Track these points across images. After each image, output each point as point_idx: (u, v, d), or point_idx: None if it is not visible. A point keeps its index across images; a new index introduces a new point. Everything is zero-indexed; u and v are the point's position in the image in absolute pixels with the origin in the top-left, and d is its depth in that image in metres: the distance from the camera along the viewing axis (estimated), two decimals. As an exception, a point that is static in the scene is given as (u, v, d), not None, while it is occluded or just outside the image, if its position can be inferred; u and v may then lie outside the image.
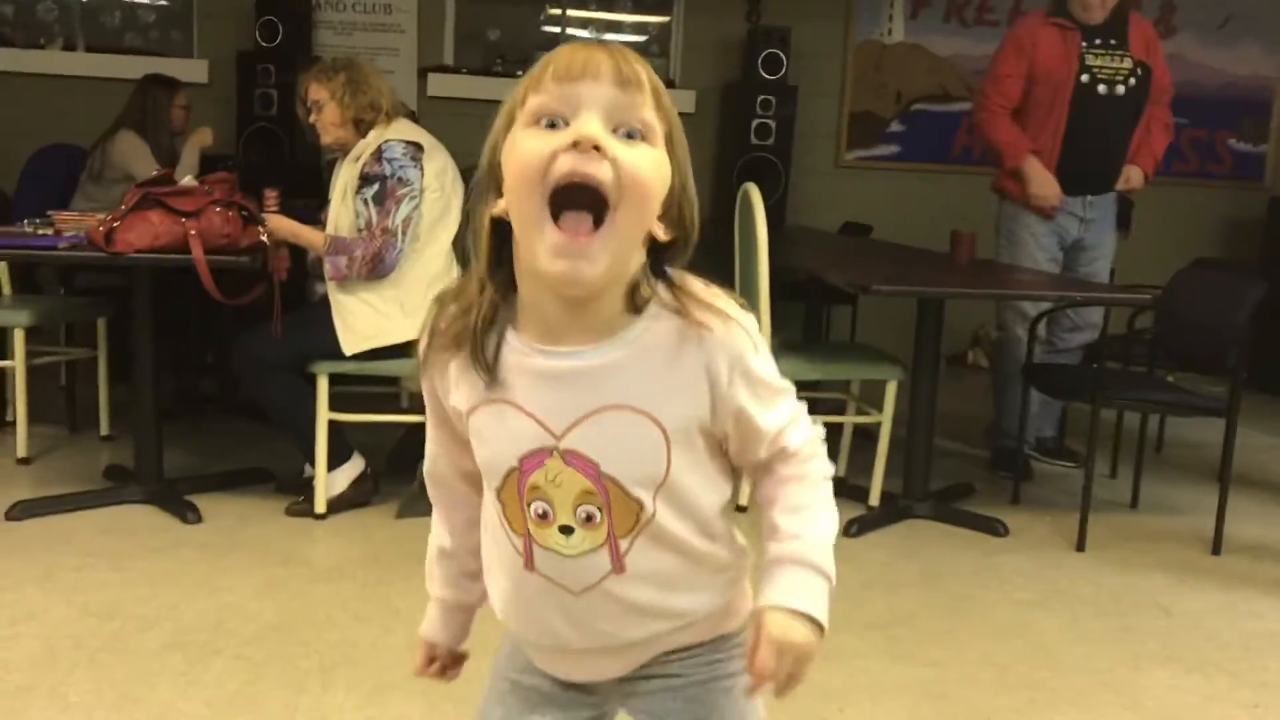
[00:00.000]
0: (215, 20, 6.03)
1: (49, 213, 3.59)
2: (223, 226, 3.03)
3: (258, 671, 2.36)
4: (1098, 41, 4.04)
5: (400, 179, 3.21)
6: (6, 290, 4.23)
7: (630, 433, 1.00)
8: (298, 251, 3.43)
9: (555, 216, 0.93)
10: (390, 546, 3.13)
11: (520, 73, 4.54)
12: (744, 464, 1.09)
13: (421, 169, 3.26)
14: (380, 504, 3.45)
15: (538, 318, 1.00)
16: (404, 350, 3.28)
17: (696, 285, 1.02)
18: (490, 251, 1.00)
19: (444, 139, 3.42)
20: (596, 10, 6.41)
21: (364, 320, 3.23)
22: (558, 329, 0.99)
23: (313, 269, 3.49)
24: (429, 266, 3.30)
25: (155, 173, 3.25)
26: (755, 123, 5.93)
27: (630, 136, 0.95)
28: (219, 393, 4.54)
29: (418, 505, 3.34)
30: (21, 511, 3.22)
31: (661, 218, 0.99)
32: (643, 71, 0.97)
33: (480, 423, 1.04)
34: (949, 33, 6.53)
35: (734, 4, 6.23)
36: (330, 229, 3.29)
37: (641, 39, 6.41)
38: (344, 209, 3.27)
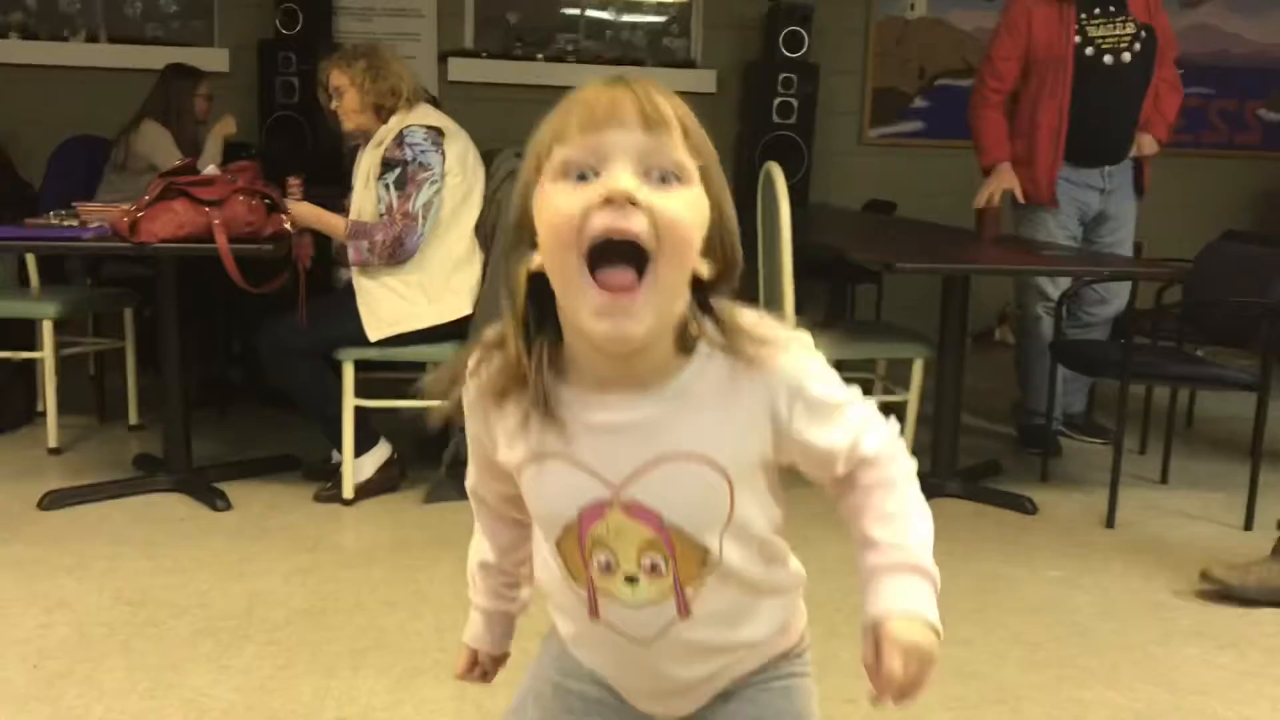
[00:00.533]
0: (236, 9, 6.04)
1: (74, 204, 3.62)
2: (246, 215, 3.04)
3: (288, 657, 2.38)
4: (1096, 10, 3.96)
5: (421, 164, 3.21)
6: (34, 282, 4.26)
7: (692, 481, 0.98)
8: (322, 239, 3.44)
9: (593, 271, 0.90)
10: (418, 531, 3.15)
11: (540, 56, 4.58)
12: (822, 480, 1.06)
13: (443, 153, 3.26)
14: (408, 489, 3.46)
15: (587, 370, 0.97)
16: (429, 335, 3.29)
17: (747, 318, 0.98)
18: (527, 305, 0.96)
19: (465, 123, 3.42)
20: (615, -4, 6.38)
21: (388, 306, 3.24)
22: (608, 381, 0.97)
23: (337, 256, 3.50)
24: (452, 251, 3.30)
25: (178, 163, 3.26)
26: (777, 101, 5.89)
27: (664, 180, 0.91)
28: (246, 380, 4.57)
29: (445, 490, 3.35)
30: (53, 501, 3.25)
31: (704, 254, 0.95)
32: (670, 109, 0.93)
33: (533, 478, 1.02)
34: (971, 6, 6.46)
35: (755, -18, 6.18)
36: (353, 214, 3.30)
37: (661, 19, 6.38)
38: (366, 195, 3.27)
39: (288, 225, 3.18)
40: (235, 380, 4.59)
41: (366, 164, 3.31)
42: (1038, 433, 4.01)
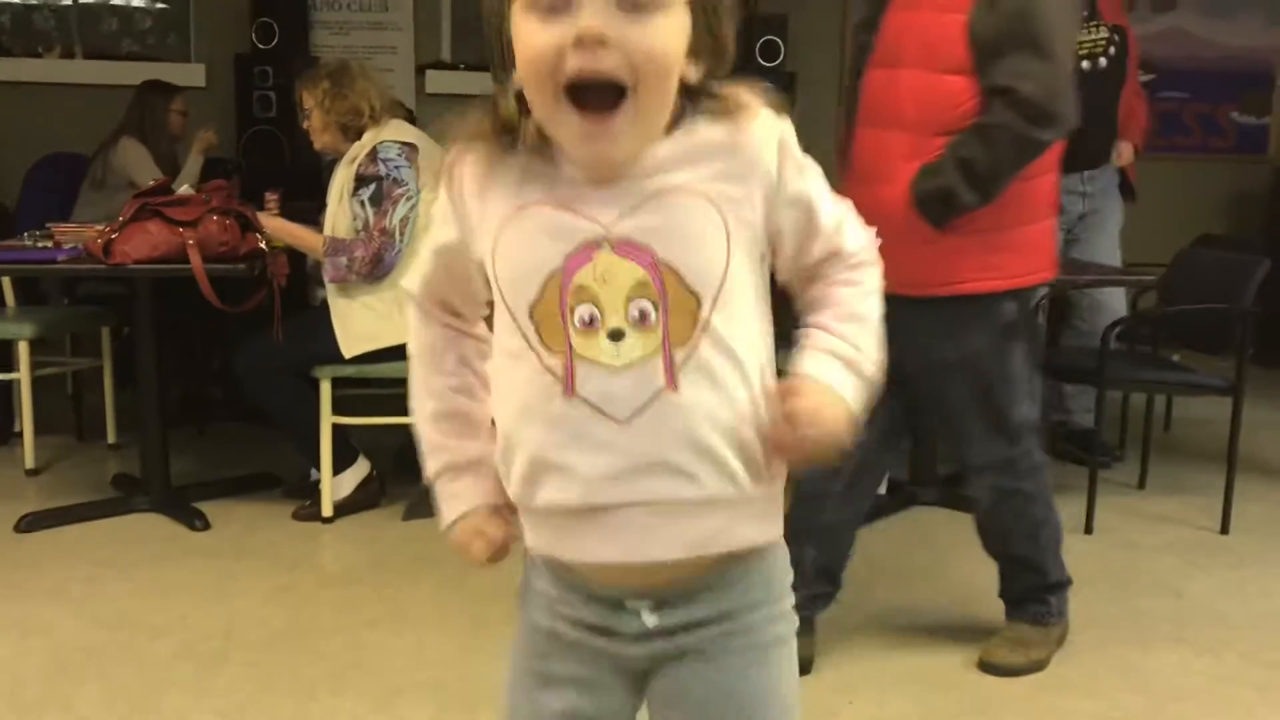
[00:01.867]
0: (212, 24, 6.02)
1: (48, 225, 3.60)
2: (221, 234, 3.04)
3: (268, 679, 2.37)
4: None
5: (396, 179, 3.21)
6: (10, 302, 4.24)
7: (690, 216, 0.96)
8: (297, 256, 3.44)
9: (572, 100, 0.90)
10: (398, 549, 3.14)
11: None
12: (795, 271, 1.06)
13: (417, 169, 3.25)
14: (387, 506, 3.45)
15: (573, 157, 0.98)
16: (404, 352, 3.28)
17: (732, 88, 0.99)
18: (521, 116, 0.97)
19: (440, 137, 3.42)
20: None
21: (363, 323, 3.23)
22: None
23: (313, 273, 3.50)
24: (430, 267, 3.29)
25: (153, 182, 3.26)
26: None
27: (636, 8, 0.89)
28: (225, 398, 4.55)
29: (425, 507, 3.32)
30: (30, 524, 3.23)
31: (690, 56, 0.94)
32: None
33: (516, 233, 0.98)
34: (947, 14, 6.48)
35: (730, -8, 6.20)
36: (327, 230, 3.29)
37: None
38: (341, 211, 3.27)
39: (263, 244, 3.17)
40: (214, 397, 4.57)
41: (340, 180, 3.31)
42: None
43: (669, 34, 0.91)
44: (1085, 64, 3.94)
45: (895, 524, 3.39)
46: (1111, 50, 3.98)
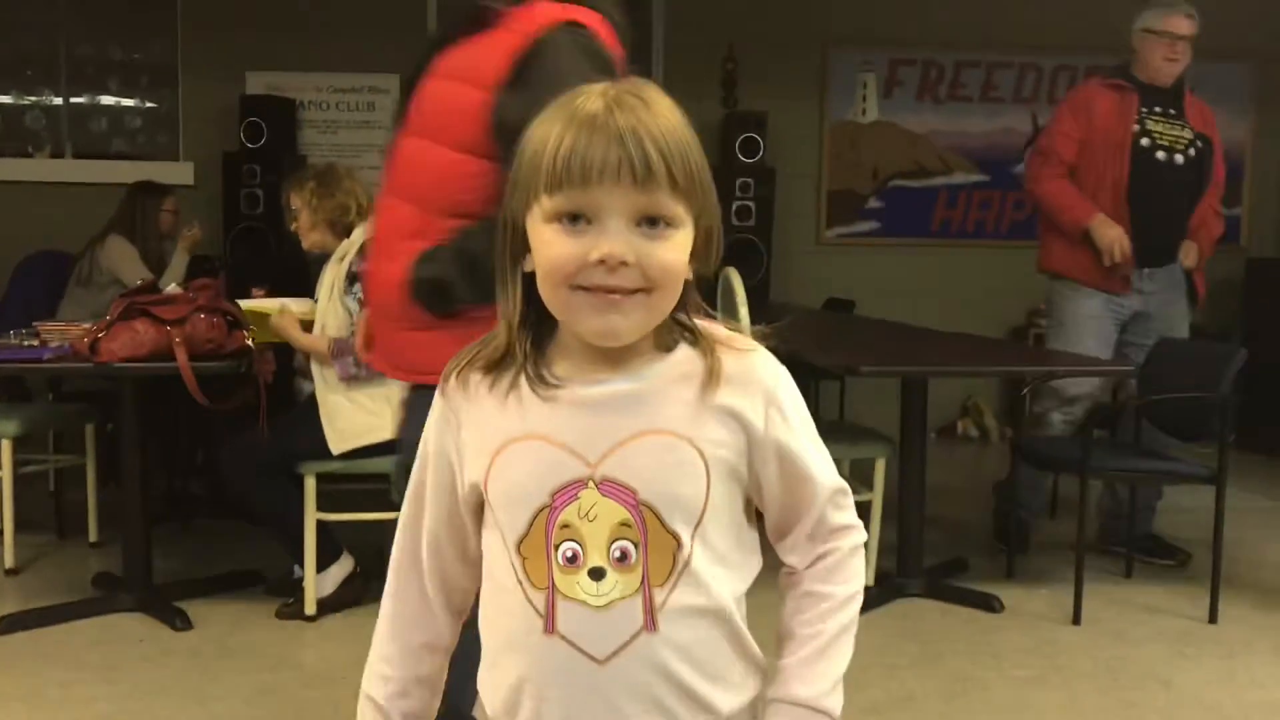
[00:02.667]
0: (201, 122, 6.12)
1: (34, 324, 3.62)
2: (207, 332, 3.06)
3: (249, 784, 2.33)
4: (1157, 109, 3.99)
5: (379, 276, 3.25)
6: (-6, 399, 4.24)
7: (670, 457, 0.99)
8: (283, 352, 3.46)
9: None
10: (382, 647, 3.10)
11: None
12: (784, 531, 1.08)
13: (405, 266, 3.29)
14: (371, 603, 3.40)
15: (567, 356, 1.02)
16: (393, 446, 3.28)
17: (719, 330, 1.04)
18: (523, 301, 1.02)
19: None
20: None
21: (351, 419, 3.24)
22: (588, 367, 1.01)
23: (300, 368, 3.51)
24: (414, 363, 3.31)
25: (140, 281, 3.29)
26: (735, 204, 6.01)
27: (653, 224, 0.96)
28: (209, 493, 4.53)
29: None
30: (8, 626, 3.19)
31: (691, 259, 1.01)
32: (660, 157, 0.95)
33: (505, 464, 1.01)
34: (922, 110, 6.65)
35: (710, 89, 6.34)
36: (317, 328, 3.32)
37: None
38: (331, 308, 3.30)
39: (249, 341, 3.19)
40: (198, 493, 4.55)
41: (330, 277, 3.35)
42: (1020, 526, 4.00)
43: (681, 247, 0.98)
44: (1161, 154, 3.94)
45: (883, 616, 3.37)
46: (1192, 152, 3.99)
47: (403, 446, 1.88)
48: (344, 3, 6.12)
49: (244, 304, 3.36)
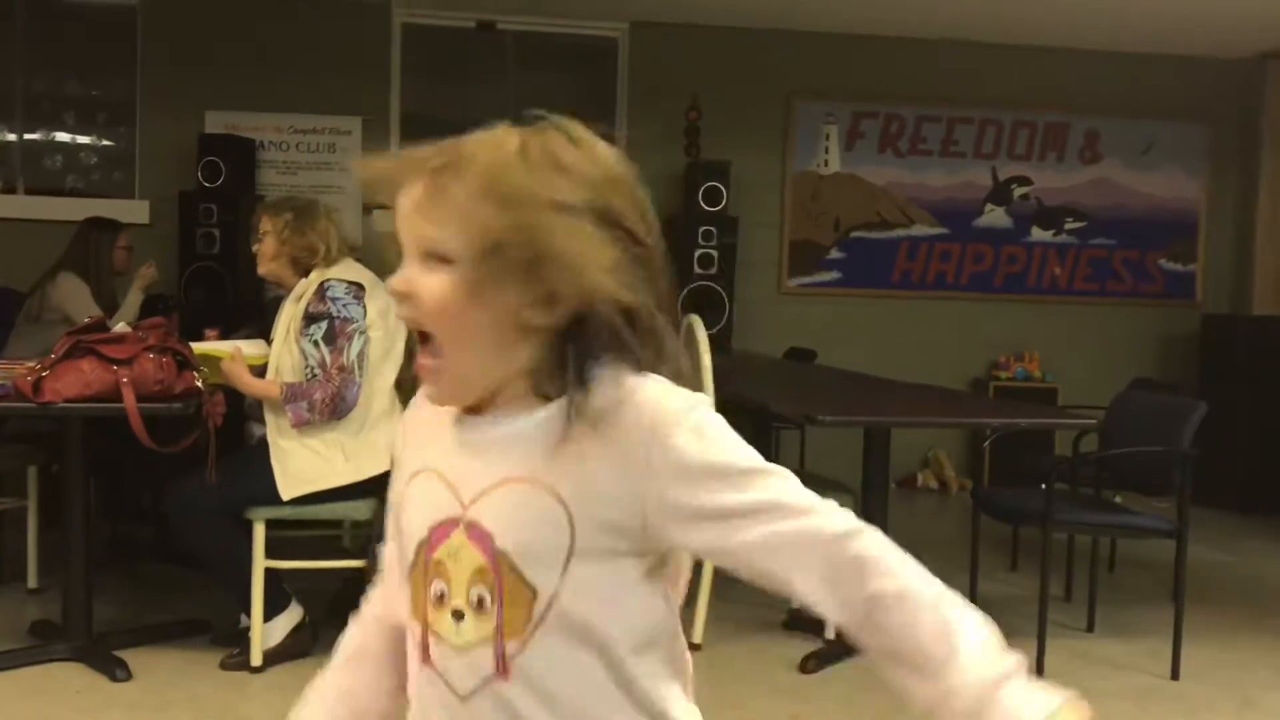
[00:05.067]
0: (158, 161, 6.04)
1: (-24, 362, 3.51)
2: (156, 373, 2.97)
3: (186, 844, 2.22)
4: None
5: (346, 317, 3.19)
6: (-66, 440, 4.11)
7: (528, 505, 0.93)
8: (234, 395, 3.37)
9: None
10: (330, 699, 3.00)
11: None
12: (784, 587, 0.93)
13: (364, 307, 3.23)
14: (320, 654, 3.29)
15: None
16: (344, 493, 3.21)
17: (629, 377, 0.93)
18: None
19: (391, 275, 3.41)
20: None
21: (303, 464, 3.16)
22: (480, 406, 0.99)
23: (250, 412, 3.42)
24: (372, 406, 3.24)
25: (88, 319, 3.20)
26: (698, 253, 6.00)
27: (430, 258, 0.93)
28: (154, 539, 4.40)
29: (359, 654, 3.22)
30: (-61, 675, 3.07)
31: (535, 303, 0.91)
32: (430, 181, 0.92)
33: (407, 496, 1.02)
34: (883, 163, 6.69)
35: (674, 139, 6.35)
36: (271, 371, 3.24)
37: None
38: (286, 351, 3.23)
39: (199, 383, 3.11)
40: (143, 538, 4.42)
41: (286, 318, 3.28)
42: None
43: (452, 285, 0.92)
44: None
45: (846, 670, 3.31)
46: None
47: None
48: (306, 43, 6.09)
49: (196, 347, 3.27)
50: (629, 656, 0.95)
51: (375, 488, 3.20)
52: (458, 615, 0.96)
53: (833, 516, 0.94)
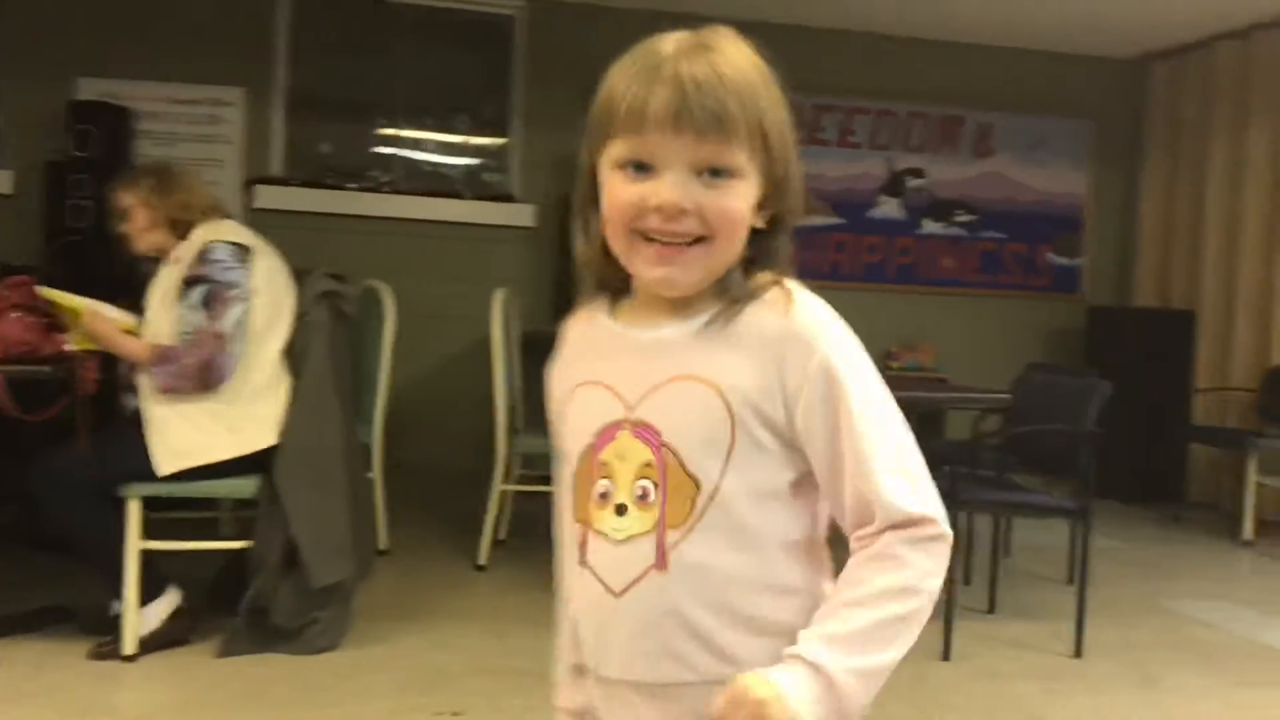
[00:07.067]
0: (25, 129, 5.67)
1: None
2: (22, 334, 2.75)
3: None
4: None
5: (226, 282, 2.98)
6: None
7: (693, 400, 1.00)
8: (108, 360, 3.13)
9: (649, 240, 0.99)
10: (211, 691, 2.81)
11: (353, 185, 4.40)
12: (838, 515, 1.02)
13: (249, 271, 3.04)
14: (199, 642, 3.10)
15: (639, 306, 1.07)
16: (226, 469, 3.00)
17: (796, 288, 1.03)
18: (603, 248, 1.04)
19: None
20: (432, 131, 6.28)
21: (182, 436, 2.95)
22: (652, 313, 1.05)
23: (124, 380, 3.19)
24: (256, 376, 3.05)
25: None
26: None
27: (715, 174, 0.98)
28: (19, 518, 4.10)
29: (243, 642, 3.02)
30: None
31: (760, 207, 1.02)
32: (721, 105, 0.96)
33: (570, 407, 1.08)
34: (811, 155, 6.65)
35: (573, 122, 6.20)
36: (149, 337, 3.02)
37: (477, 162, 6.30)
38: (163, 315, 3.01)
39: (70, 345, 2.87)
40: (6, 517, 4.12)
41: (165, 282, 3.06)
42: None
43: (742, 197, 0.99)
44: None
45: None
46: None
47: None
48: (188, 11, 5.79)
49: (45, 292, 3.00)
50: (777, 554, 1.02)
51: (260, 463, 3.01)
52: (620, 510, 1.02)
53: (907, 498, 0.99)
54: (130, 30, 5.74)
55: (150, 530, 2.98)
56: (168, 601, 3.07)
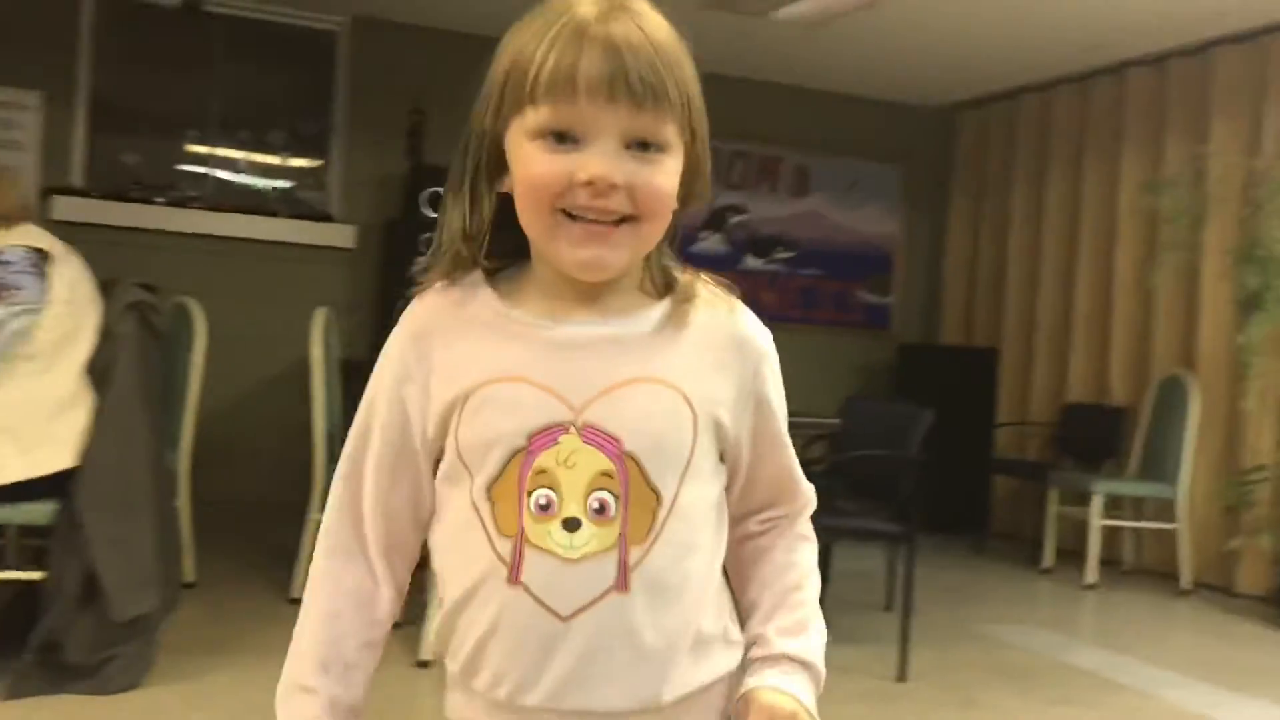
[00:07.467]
0: None
1: None
2: None
3: None
4: None
5: (11, 285, 2.75)
6: None
7: (658, 407, 0.94)
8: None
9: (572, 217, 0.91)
10: (-7, 734, 2.56)
11: (160, 199, 4.13)
12: (747, 497, 1.04)
13: (45, 278, 2.81)
14: (-19, 682, 2.83)
15: (541, 290, 0.96)
16: (16, 493, 2.75)
17: (702, 280, 1.00)
18: (491, 226, 0.95)
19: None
20: (248, 146, 6.03)
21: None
22: (564, 304, 0.95)
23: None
24: (52, 391, 2.82)
25: None
26: (420, 259, 5.73)
27: (644, 148, 0.91)
28: None
29: (33, 681, 2.77)
30: None
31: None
32: (656, 73, 0.90)
33: (477, 407, 0.93)
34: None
35: (395, 139, 6.03)
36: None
37: (293, 181, 6.08)
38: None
39: None
40: None
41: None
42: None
43: (672, 174, 0.93)
44: None
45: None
46: None
47: None
48: (-20, 8, 5.40)
49: None
50: (716, 566, 0.99)
51: (55, 487, 2.78)
52: (571, 525, 0.92)
53: (805, 480, 1.08)
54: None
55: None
56: (-56, 639, 2.79)
